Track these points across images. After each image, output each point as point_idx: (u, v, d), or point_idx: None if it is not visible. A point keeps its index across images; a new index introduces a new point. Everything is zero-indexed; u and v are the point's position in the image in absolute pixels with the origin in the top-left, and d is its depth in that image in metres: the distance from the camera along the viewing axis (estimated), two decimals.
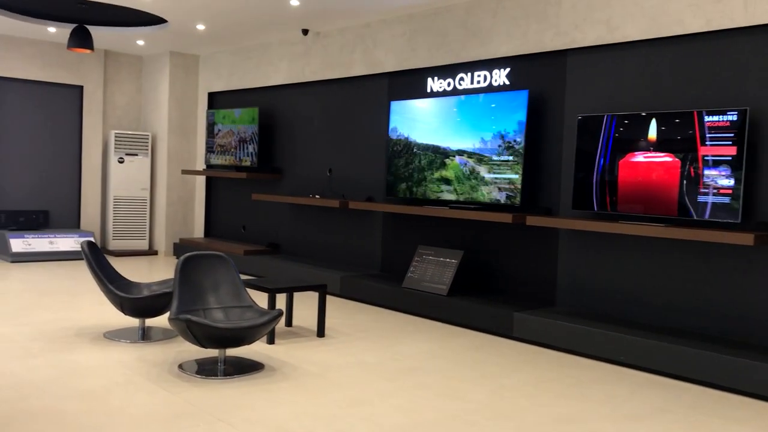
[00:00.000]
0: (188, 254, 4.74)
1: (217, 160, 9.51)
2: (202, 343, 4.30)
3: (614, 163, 5.34)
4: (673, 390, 4.40)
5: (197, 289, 4.70)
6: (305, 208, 8.52)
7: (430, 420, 3.68)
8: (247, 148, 8.91)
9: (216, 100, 10.05)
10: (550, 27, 5.92)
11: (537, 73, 6.11)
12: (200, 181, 10.32)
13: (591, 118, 5.47)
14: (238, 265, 8.62)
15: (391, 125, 7.13)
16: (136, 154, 10.09)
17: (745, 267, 4.81)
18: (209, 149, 9.68)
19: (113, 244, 10.07)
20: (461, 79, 6.69)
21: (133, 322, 5.64)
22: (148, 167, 10.17)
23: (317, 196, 8.15)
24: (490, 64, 6.45)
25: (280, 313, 4.46)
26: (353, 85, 7.87)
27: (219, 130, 9.45)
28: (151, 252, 10.21)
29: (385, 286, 6.78)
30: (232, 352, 4.80)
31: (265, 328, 4.38)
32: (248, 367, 4.54)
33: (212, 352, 4.80)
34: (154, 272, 8.62)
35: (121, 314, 5.87)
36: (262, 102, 9.08)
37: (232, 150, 9.19)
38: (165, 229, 10.13)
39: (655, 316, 5.27)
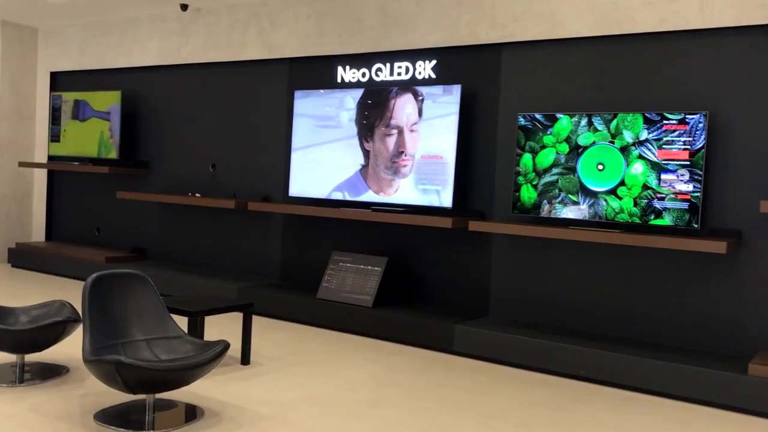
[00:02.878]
0: (98, 274, 3.76)
1: (64, 150, 8.14)
2: (133, 388, 3.39)
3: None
4: (652, 407, 4.19)
5: (112, 317, 3.74)
6: (179, 209, 7.50)
7: None
8: (105, 137, 7.69)
9: (62, 81, 8.62)
10: (484, 18, 5.53)
11: (467, 68, 5.70)
12: (40, 176, 8.82)
13: (535, 117, 5.16)
14: None
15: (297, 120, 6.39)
16: None
17: (696, 273, 4.73)
18: (54, 138, 8.27)
19: None
20: (378, 69, 6.12)
21: (5, 358, 4.46)
22: None
23: (198, 195, 7.19)
24: (413, 55, 5.94)
25: (227, 346, 3.64)
26: (245, 71, 7.01)
27: (68, 117, 8.09)
28: None
29: (294, 297, 6.05)
30: (159, 394, 3.89)
31: (211, 365, 3.55)
32: (185, 414, 3.68)
33: (130, 396, 3.85)
34: None
35: None
36: (124, 85, 7.88)
37: (86, 140, 7.90)
38: None
39: (602, 325, 5.08)
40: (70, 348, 4.60)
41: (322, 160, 6.22)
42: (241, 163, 7.04)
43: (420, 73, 5.90)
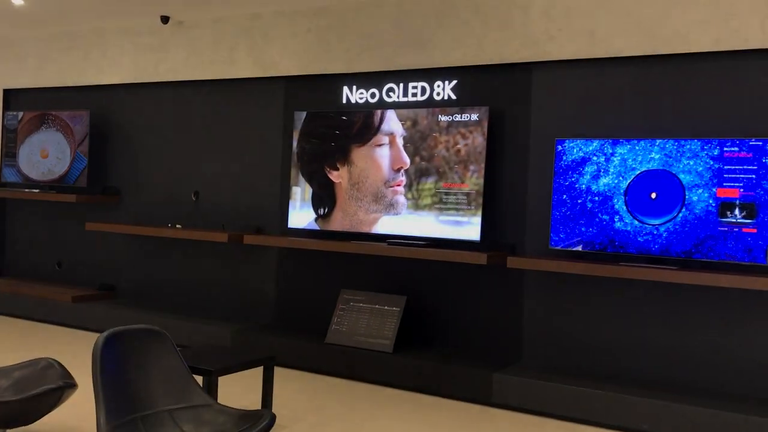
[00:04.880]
0: (110, 332, 3.09)
1: (19, 176, 7.30)
2: None
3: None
4: None
5: (128, 384, 3.07)
6: (155, 241, 6.74)
7: None
8: (69, 161, 6.91)
9: (17, 99, 7.77)
10: (515, 37, 5.08)
11: (491, 89, 5.24)
12: None
13: (574, 144, 4.72)
14: (64, 316, 6.60)
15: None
16: None
17: (762, 314, 4.35)
18: (7, 163, 7.42)
19: None
20: (390, 90, 5.60)
21: None
22: None
23: (179, 226, 6.48)
24: (430, 75, 5.45)
25: (273, 419, 3.01)
26: (233, 90, 6.37)
27: (24, 138, 7.27)
28: None
29: (300, 341, 5.42)
30: None
31: None
32: None
33: None
34: None
35: None
36: (92, 105, 7.10)
37: (46, 164, 7.09)
38: None
39: (651, 371, 4.63)
40: (60, 415, 3.86)
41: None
42: (229, 192, 6.37)
43: (438, 93, 5.40)
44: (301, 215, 5.73)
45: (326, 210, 5.61)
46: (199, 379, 3.68)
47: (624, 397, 4.26)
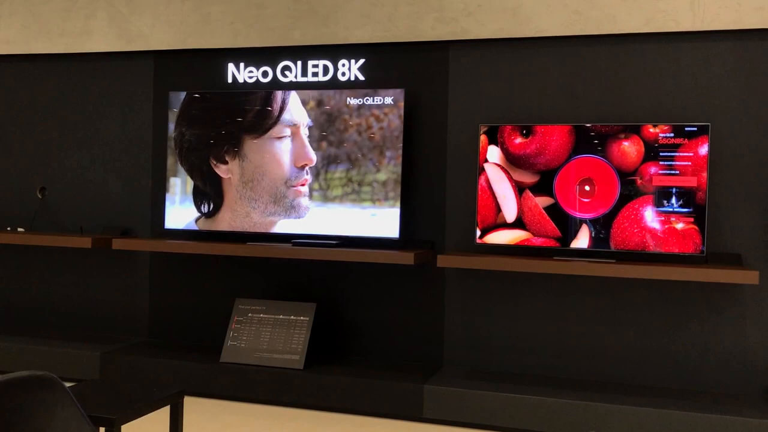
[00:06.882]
0: None
1: None
2: None
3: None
4: None
5: None
6: None
7: None
8: None
9: None
10: (430, 11, 4.61)
11: (404, 69, 4.73)
12: None
13: (499, 130, 4.35)
14: None
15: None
16: None
17: (699, 306, 4.23)
18: None
19: None
20: (286, 68, 4.92)
21: None
22: None
23: (21, 230, 5.38)
24: (333, 52, 4.84)
25: None
26: (90, 66, 5.35)
27: None
28: None
29: (187, 363, 4.61)
30: None
31: None
32: None
33: None
34: None
35: None
36: None
37: None
38: None
39: (581, 371, 4.39)
40: None
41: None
42: (85, 187, 5.37)
43: (344, 73, 4.81)
44: (180, 213, 4.90)
45: (211, 208, 4.83)
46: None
47: (569, 402, 3.95)
